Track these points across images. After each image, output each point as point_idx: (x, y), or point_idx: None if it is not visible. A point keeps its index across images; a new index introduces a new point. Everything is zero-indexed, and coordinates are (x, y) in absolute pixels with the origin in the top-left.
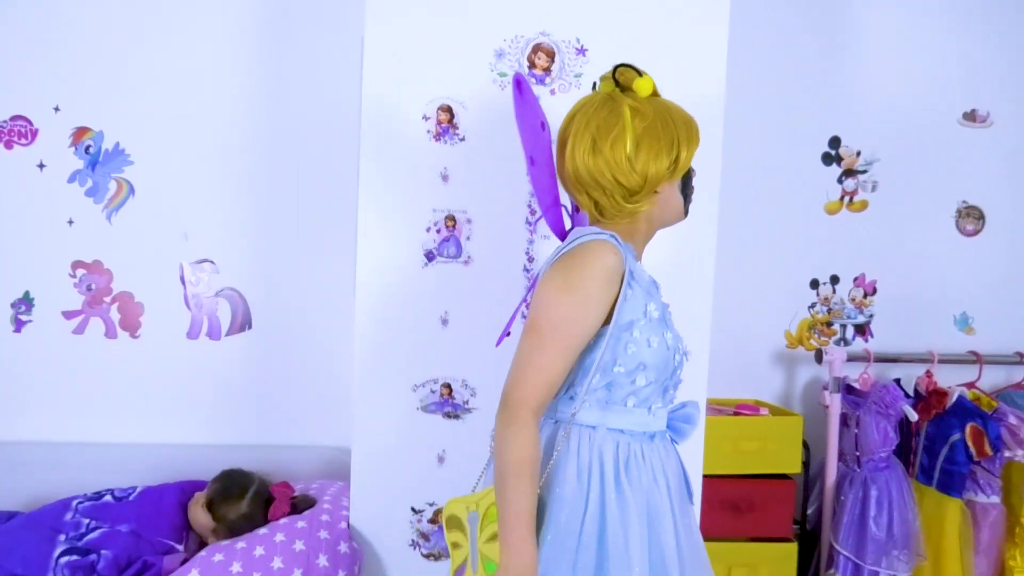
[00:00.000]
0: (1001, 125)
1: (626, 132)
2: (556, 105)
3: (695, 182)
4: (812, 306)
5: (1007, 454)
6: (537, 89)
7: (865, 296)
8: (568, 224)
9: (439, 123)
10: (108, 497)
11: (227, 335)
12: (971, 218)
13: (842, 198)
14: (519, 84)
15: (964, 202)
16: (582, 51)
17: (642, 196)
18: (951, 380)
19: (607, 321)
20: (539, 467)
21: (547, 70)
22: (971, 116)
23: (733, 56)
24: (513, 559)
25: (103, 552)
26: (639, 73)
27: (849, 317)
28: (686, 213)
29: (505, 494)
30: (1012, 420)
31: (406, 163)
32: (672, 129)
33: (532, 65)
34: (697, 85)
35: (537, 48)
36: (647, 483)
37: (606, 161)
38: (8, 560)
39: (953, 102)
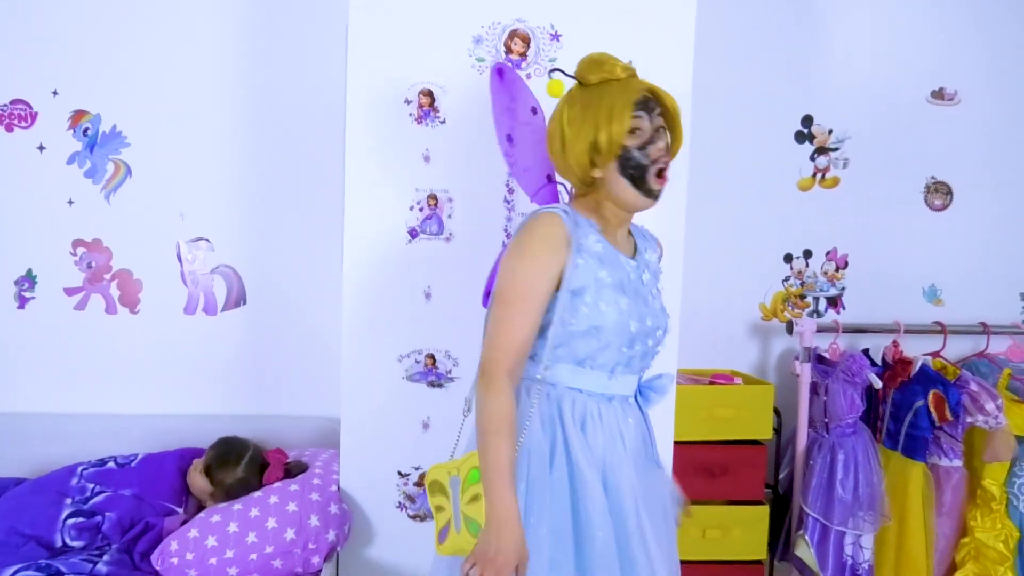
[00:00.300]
0: (968, 103)
1: (556, 124)
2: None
3: (653, 163)
4: (786, 280)
5: (969, 420)
6: None
7: (837, 270)
8: (565, 199)
9: (420, 107)
10: (111, 464)
11: (223, 311)
12: (939, 193)
13: (814, 175)
14: (501, 72)
15: (932, 178)
16: (556, 37)
17: (585, 181)
18: (918, 350)
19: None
20: (516, 424)
21: (523, 55)
22: (939, 94)
23: (706, 38)
24: (496, 508)
25: (107, 514)
26: (565, 72)
27: (822, 290)
28: (647, 195)
29: (486, 451)
30: (973, 387)
31: (390, 145)
32: (593, 114)
33: (508, 51)
34: (666, 66)
35: (513, 34)
36: (603, 440)
37: (552, 153)
38: (19, 521)
39: (922, 81)
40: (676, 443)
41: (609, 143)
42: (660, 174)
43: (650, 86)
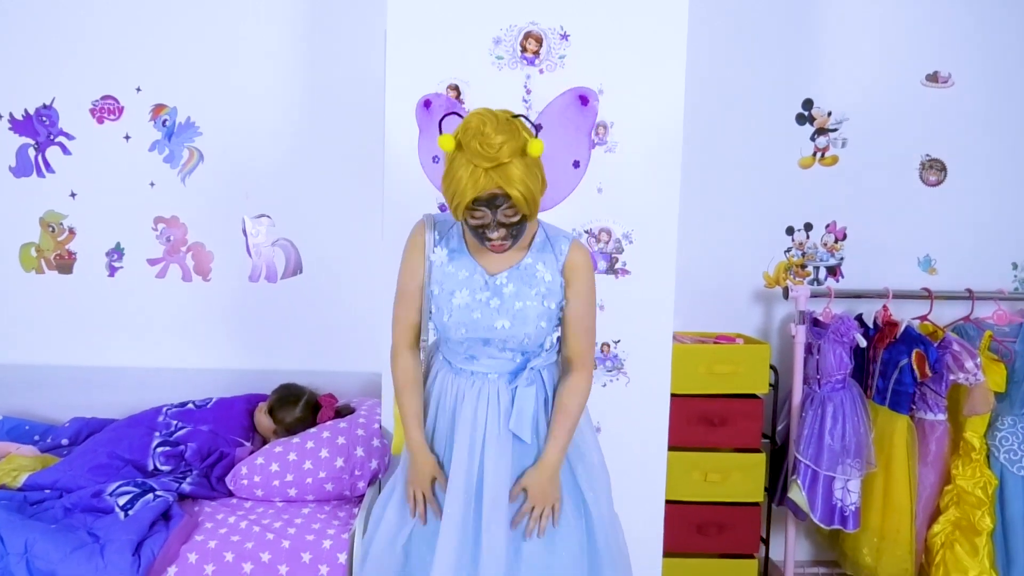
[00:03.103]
0: (961, 85)
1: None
2: (543, 82)
3: (488, 241)
4: (788, 251)
5: (951, 377)
6: (527, 69)
7: (836, 241)
8: None
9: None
10: (190, 405)
11: (282, 278)
12: (934, 170)
13: (815, 154)
14: (427, 104)
15: (927, 155)
16: (565, 36)
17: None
18: (912, 315)
19: None
20: (420, 384)
21: (536, 53)
22: (933, 78)
23: (712, 27)
24: (409, 444)
25: (189, 444)
26: (527, 119)
27: (821, 260)
28: (481, 240)
29: (399, 404)
30: (955, 347)
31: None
32: (448, 184)
33: (524, 49)
34: (661, 57)
35: (528, 35)
36: (450, 404)
37: None
38: (118, 447)
39: (917, 65)
40: (677, 396)
41: (455, 213)
42: (493, 247)
43: (498, 185)
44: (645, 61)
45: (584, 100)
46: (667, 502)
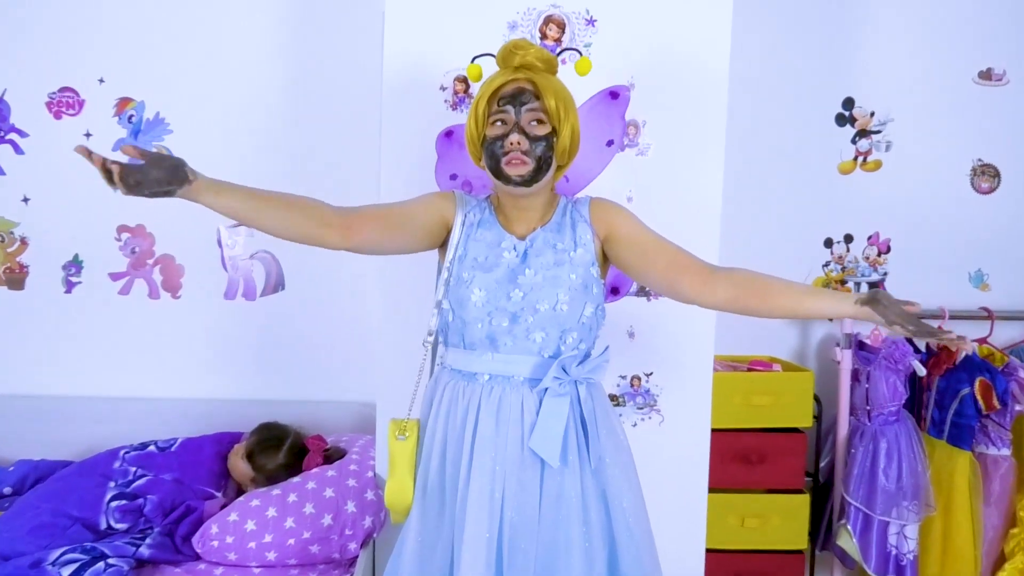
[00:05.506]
0: (1018, 83)
1: None
2: (566, 74)
3: (505, 154)
4: (826, 265)
5: (1017, 408)
6: None
7: (879, 254)
8: None
9: (455, 93)
10: (152, 447)
11: (262, 295)
12: (986, 176)
13: (856, 158)
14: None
15: (979, 160)
16: (591, 22)
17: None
18: (967, 336)
19: None
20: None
21: (558, 40)
22: (986, 75)
23: (744, 20)
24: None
25: (149, 497)
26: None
27: (863, 275)
28: (505, 181)
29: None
30: (1022, 375)
31: (425, 132)
32: (472, 107)
33: (543, 36)
34: (702, 50)
35: (548, 20)
36: (460, 417)
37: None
38: (65, 503)
39: (968, 61)
40: (713, 430)
41: (470, 136)
42: (511, 162)
43: (528, 77)
44: (684, 52)
45: (614, 95)
46: None
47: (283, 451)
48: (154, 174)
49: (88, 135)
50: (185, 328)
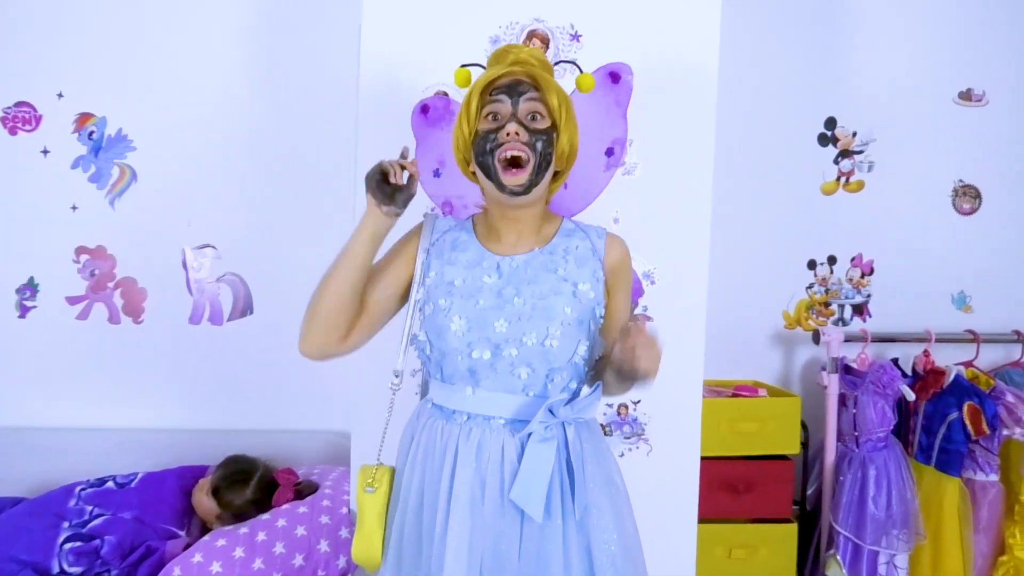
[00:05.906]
0: (997, 104)
1: None
2: None
3: (499, 147)
4: (810, 287)
5: (1005, 432)
6: None
7: (863, 276)
8: None
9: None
10: (110, 483)
11: (229, 320)
12: (968, 197)
13: (838, 179)
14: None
15: (960, 181)
16: (576, 37)
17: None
18: (949, 359)
19: None
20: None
21: None
22: (967, 95)
23: (727, 38)
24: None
25: (107, 538)
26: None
27: (847, 297)
28: (499, 187)
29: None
30: (1009, 399)
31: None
32: (463, 105)
33: None
34: (689, 68)
35: (532, 34)
36: (437, 463)
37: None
38: (14, 547)
39: (949, 81)
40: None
41: (459, 140)
42: (508, 161)
43: (526, 71)
44: (671, 71)
45: (615, 77)
46: None
47: (251, 486)
48: (414, 190)
49: (46, 152)
50: (148, 355)
